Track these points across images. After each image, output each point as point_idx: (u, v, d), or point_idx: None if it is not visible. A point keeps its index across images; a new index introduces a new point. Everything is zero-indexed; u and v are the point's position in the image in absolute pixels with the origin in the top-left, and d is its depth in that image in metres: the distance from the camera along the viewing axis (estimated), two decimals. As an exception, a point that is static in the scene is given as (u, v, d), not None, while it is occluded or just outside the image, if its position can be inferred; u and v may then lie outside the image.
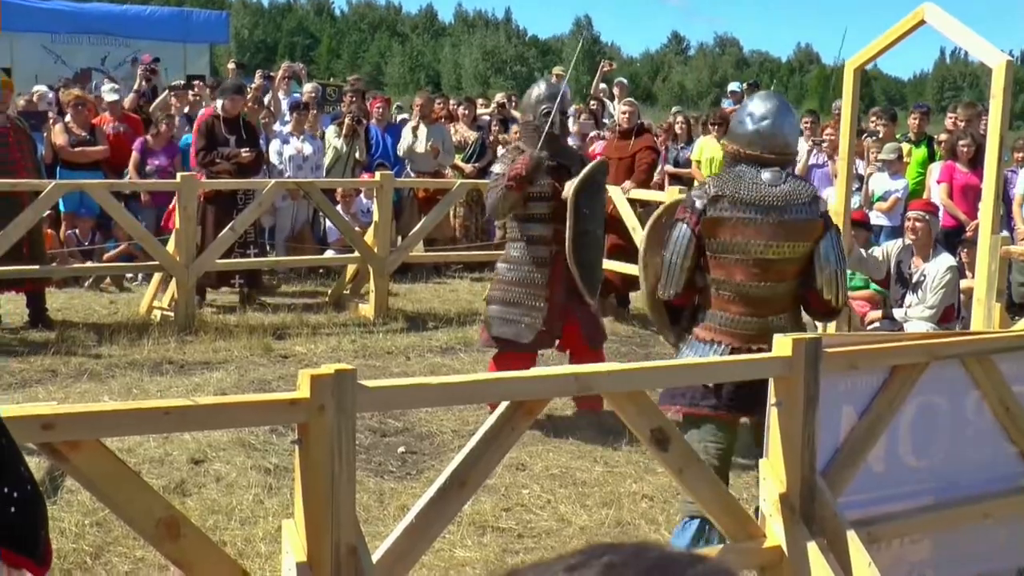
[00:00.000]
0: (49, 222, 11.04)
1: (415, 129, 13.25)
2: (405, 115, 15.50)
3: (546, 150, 7.13)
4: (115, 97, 12.94)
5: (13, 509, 1.85)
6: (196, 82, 15.13)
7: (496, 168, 7.23)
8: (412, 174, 13.27)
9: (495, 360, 7.32)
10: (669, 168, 13.95)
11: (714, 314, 5.09)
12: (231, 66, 16.89)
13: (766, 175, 5.03)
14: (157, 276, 10.36)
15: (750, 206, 4.96)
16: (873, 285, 9.83)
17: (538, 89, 7.39)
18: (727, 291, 5.04)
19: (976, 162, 11.40)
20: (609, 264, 10.82)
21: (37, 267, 9.41)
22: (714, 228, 4.98)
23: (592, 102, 15.90)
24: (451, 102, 15.42)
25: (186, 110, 13.45)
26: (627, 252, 10.65)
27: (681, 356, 5.19)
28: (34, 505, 1.92)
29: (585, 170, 7.14)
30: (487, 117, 14.82)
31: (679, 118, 15.64)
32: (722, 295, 5.05)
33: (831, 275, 5.05)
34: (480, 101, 17.07)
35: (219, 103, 11.40)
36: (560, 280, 7.05)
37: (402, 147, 13.32)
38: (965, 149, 11.40)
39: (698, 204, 5.00)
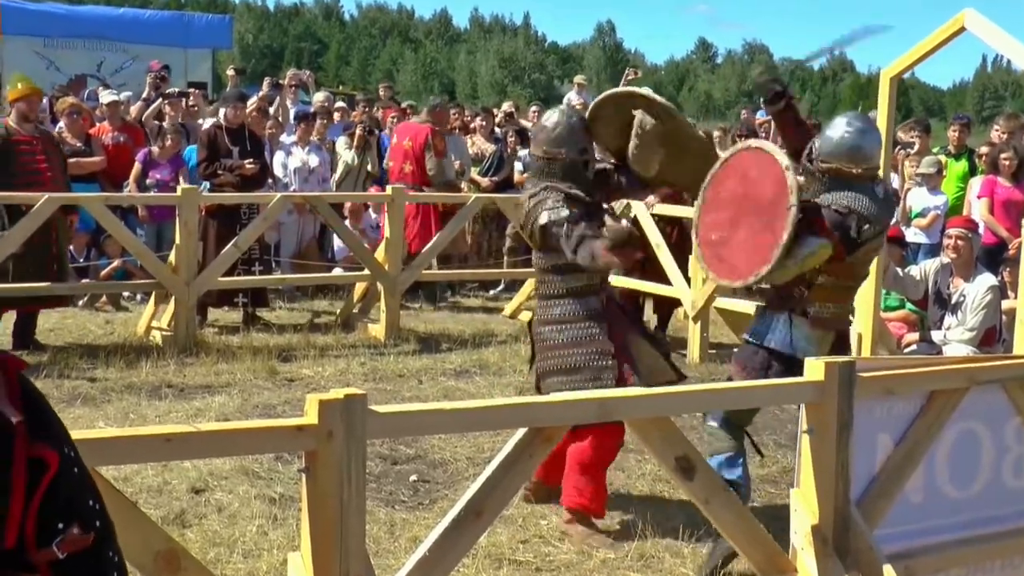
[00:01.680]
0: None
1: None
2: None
3: (582, 190, 6.19)
4: (114, 98, 13.00)
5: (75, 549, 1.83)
6: (192, 90, 15.21)
7: (559, 216, 5.96)
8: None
9: (593, 447, 6.14)
10: None
11: (827, 307, 5.74)
12: (230, 72, 17.00)
13: (879, 189, 5.81)
14: (156, 295, 10.41)
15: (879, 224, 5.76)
16: (909, 305, 9.83)
17: (569, 121, 6.28)
18: (842, 287, 5.81)
19: (1019, 176, 11.40)
20: (629, 282, 10.88)
21: (40, 284, 9.47)
22: (855, 249, 5.63)
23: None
24: (466, 112, 15.48)
25: (180, 119, 13.51)
26: (652, 269, 10.69)
27: (784, 340, 5.70)
28: (104, 540, 1.90)
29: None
30: (498, 128, 14.84)
31: (700, 131, 15.60)
32: (837, 290, 5.77)
33: None
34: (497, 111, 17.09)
35: (222, 112, 11.48)
36: (622, 330, 6.18)
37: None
38: (1008, 162, 11.39)
39: (852, 234, 5.56)
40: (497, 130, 14.76)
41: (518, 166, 13.75)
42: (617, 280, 11.16)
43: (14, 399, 1.76)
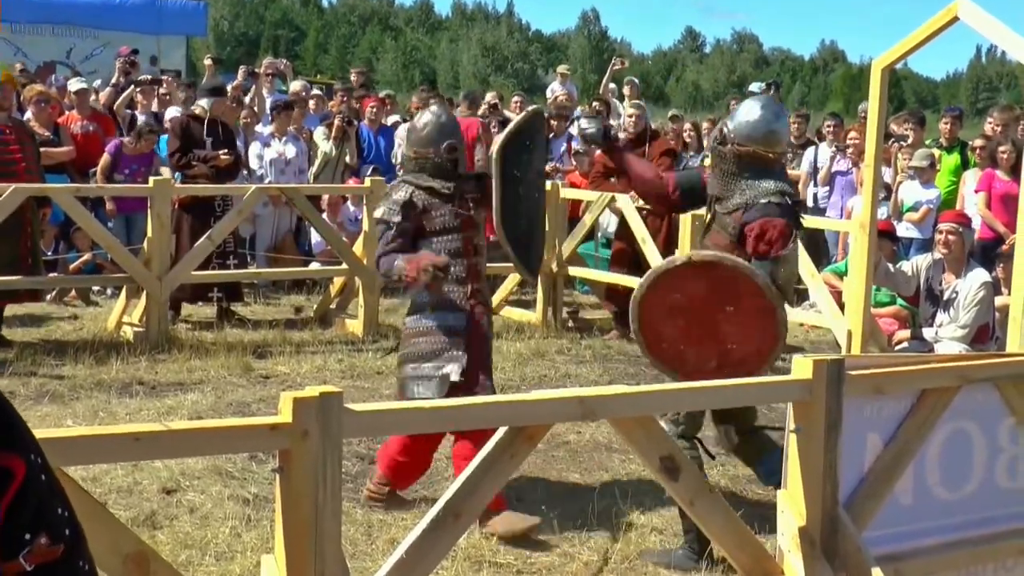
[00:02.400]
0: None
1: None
2: (396, 116, 15.53)
3: (444, 185, 6.38)
4: (82, 86, 12.95)
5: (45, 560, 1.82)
6: (165, 77, 15.15)
7: (382, 214, 6.32)
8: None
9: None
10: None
11: None
12: (208, 62, 16.93)
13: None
14: (127, 289, 10.38)
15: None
16: (900, 301, 9.86)
17: (437, 119, 6.47)
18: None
19: (1018, 169, 11.45)
20: (613, 277, 10.90)
21: (11, 278, 9.43)
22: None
23: (596, 104, 15.94)
24: (452, 102, 15.48)
25: (154, 108, 13.45)
26: (634, 262, 10.71)
27: None
28: (74, 550, 1.88)
29: (513, 122, 6.56)
30: (482, 120, 14.82)
31: (687, 124, 15.65)
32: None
33: None
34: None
35: (204, 103, 11.44)
36: (479, 320, 6.38)
37: (398, 152, 13.34)
38: (1006, 156, 11.42)
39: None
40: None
41: None
42: (603, 277, 11.20)
43: None
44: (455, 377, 6.17)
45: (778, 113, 5.85)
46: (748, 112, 5.72)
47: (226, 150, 11.18)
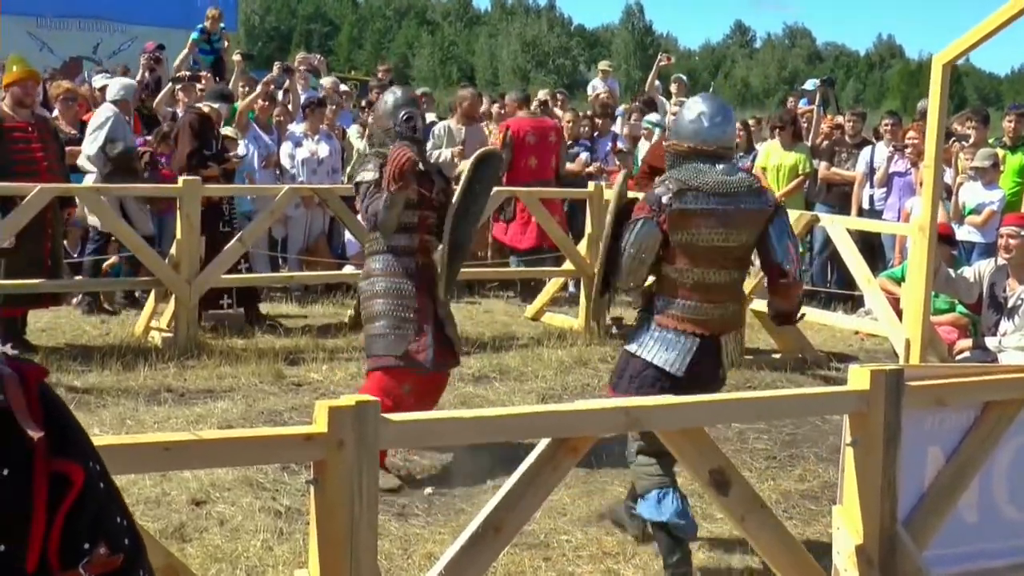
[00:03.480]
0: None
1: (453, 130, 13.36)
2: (432, 115, 15.54)
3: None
4: (107, 82, 13.02)
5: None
6: (204, 73, 15.23)
7: (365, 176, 7.25)
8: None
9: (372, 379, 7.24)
10: (622, 171, 13.93)
11: (678, 303, 5.80)
12: (236, 57, 17.00)
13: (721, 167, 5.85)
14: (155, 293, 10.44)
15: (714, 196, 5.74)
16: (960, 308, 9.78)
17: (394, 96, 7.60)
18: (690, 280, 5.78)
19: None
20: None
21: (33, 281, 9.51)
22: (681, 221, 5.72)
23: (640, 100, 15.92)
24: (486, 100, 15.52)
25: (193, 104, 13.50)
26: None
27: (645, 346, 5.81)
28: (133, 561, 1.89)
29: (486, 148, 7.78)
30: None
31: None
32: (685, 284, 5.80)
33: (788, 247, 5.86)
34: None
35: (218, 106, 11.49)
36: (427, 294, 7.24)
37: (432, 150, 13.38)
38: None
39: (664, 200, 5.74)
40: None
41: (584, 156, 13.92)
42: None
43: (35, 411, 1.75)
44: (408, 343, 7.07)
45: (705, 112, 5.97)
46: (685, 112, 6.10)
47: (235, 153, 11.28)
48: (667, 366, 5.68)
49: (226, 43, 16.68)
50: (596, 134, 14.56)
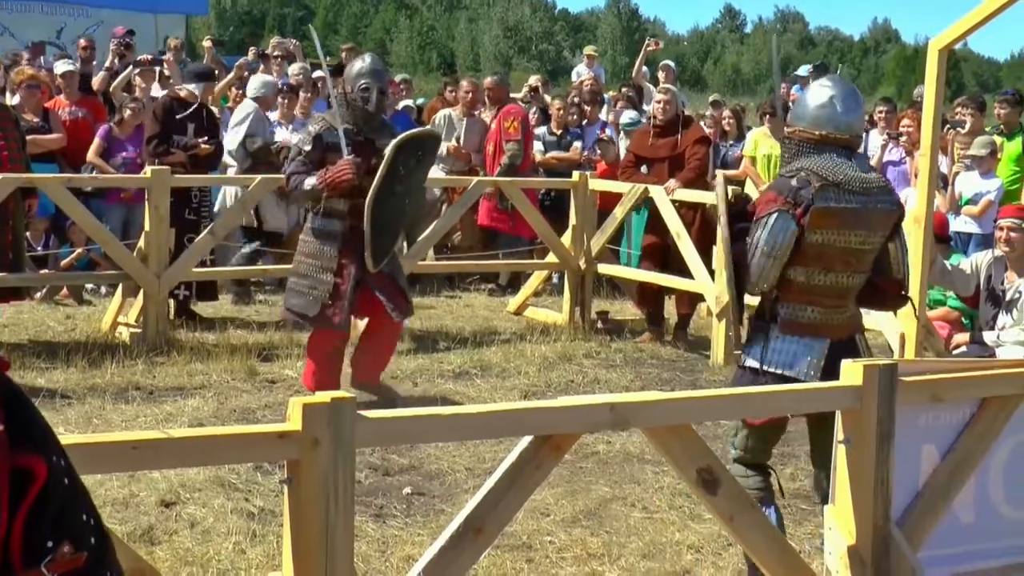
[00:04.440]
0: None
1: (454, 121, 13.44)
2: (408, 100, 15.50)
3: (354, 124, 8.20)
4: (69, 68, 12.97)
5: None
6: (166, 57, 15.18)
7: (300, 143, 8.31)
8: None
9: (309, 339, 8.55)
10: (719, 172, 13.96)
11: (804, 308, 5.41)
12: (206, 43, 16.95)
13: (855, 160, 5.48)
14: (123, 287, 10.41)
15: (855, 194, 5.34)
16: (954, 301, 9.81)
17: (361, 63, 8.35)
18: (821, 283, 5.40)
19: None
20: (646, 275, 10.89)
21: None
22: (822, 220, 5.30)
23: (629, 88, 15.91)
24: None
25: (154, 92, 13.47)
26: (667, 259, 10.71)
27: (774, 352, 5.40)
28: (99, 560, 1.89)
29: (417, 130, 8.64)
30: (523, 104, 14.80)
31: (725, 111, 15.63)
32: (814, 288, 5.40)
33: (906, 259, 5.63)
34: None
35: (194, 88, 11.46)
36: (353, 255, 8.05)
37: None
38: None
39: (804, 193, 5.32)
40: (522, 106, 14.69)
41: (578, 144, 13.95)
42: (635, 275, 11.18)
43: None
44: (320, 304, 8.06)
45: (837, 96, 5.55)
46: (811, 96, 5.65)
47: (207, 138, 11.20)
48: (801, 376, 5.28)
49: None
50: (586, 122, 14.58)
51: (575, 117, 14.36)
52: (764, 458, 5.57)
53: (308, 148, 8.13)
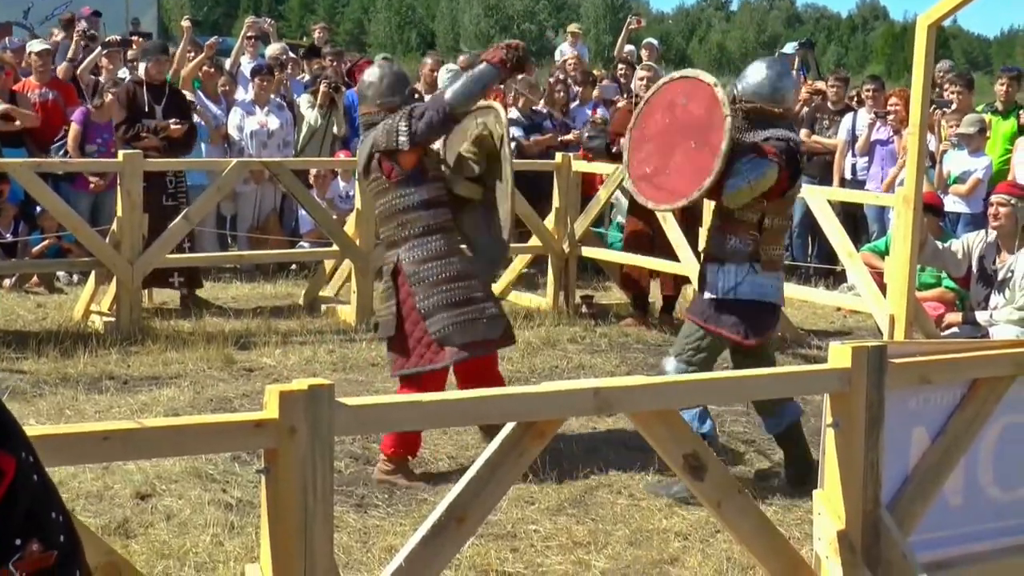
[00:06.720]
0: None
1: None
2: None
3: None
4: (45, 47, 12.91)
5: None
6: (135, 38, 15.09)
7: (413, 123, 6.73)
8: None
9: (462, 376, 7.00)
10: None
11: (776, 248, 6.80)
12: (185, 23, 16.87)
13: None
14: (95, 275, 10.38)
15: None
16: (947, 282, 9.84)
17: (390, 70, 7.25)
18: (781, 227, 6.85)
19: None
20: (631, 258, 10.89)
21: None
22: (796, 179, 6.74)
23: (620, 65, 15.87)
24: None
25: (122, 74, 13.41)
26: (651, 244, 10.71)
27: (751, 284, 6.64)
28: (68, 558, 1.88)
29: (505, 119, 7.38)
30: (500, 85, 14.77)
31: None
32: (781, 231, 6.90)
33: None
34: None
35: (141, 67, 11.42)
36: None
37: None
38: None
39: (797, 158, 6.64)
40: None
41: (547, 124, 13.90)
42: (619, 258, 11.19)
43: None
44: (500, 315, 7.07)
45: (782, 72, 6.94)
46: (755, 72, 6.78)
47: (177, 120, 11.16)
48: (780, 302, 6.89)
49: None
50: (577, 102, 14.58)
51: (561, 95, 14.33)
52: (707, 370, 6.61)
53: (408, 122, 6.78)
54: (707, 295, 6.75)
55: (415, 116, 6.70)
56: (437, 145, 7.41)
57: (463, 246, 7.04)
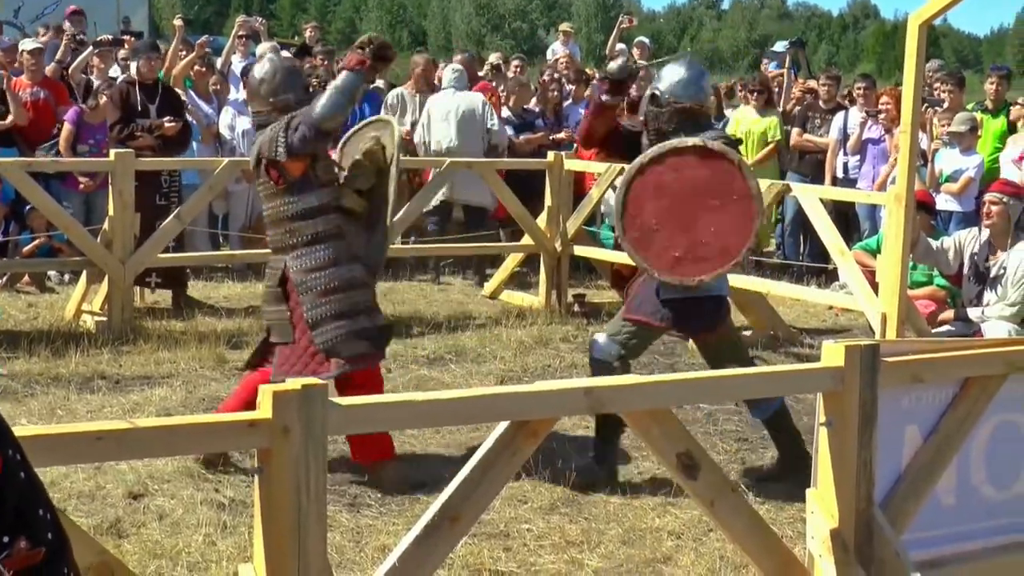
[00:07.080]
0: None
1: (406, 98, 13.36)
2: (381, 82, 15.44)
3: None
4: (38, 46, 12.87)
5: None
6: (127, 37, 15.05)
7: (304, 131, 6.57)
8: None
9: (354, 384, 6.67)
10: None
11: None
12: (177, 22, 16.82)
13: None
14: (87, 274, 10.35)
15: None
16: (938, 280, 9.85)
17: (280, 64, 7.10)
18: None
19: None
20: (621, 256, 10.88)
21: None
22: None
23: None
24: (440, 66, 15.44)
25: (114, 72, 13.36)
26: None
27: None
28: (56, 555, 1.88)
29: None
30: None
31: None
32: None
33: None
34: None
35: (133, 66, 11.40)
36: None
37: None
38: (1052, 119, 11.41)
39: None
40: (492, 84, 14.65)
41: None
42: (611, 256, 11.19)
43: None
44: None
45: (702, 70, 7.10)
46: (675, 73, 6.88)
47: (171, 118, 11.14)
48: (725, 292, 7.01)
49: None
50: (570, 100, 14.58)
51: (555, 94, 14.33)
52: (634, 357, 7.09)
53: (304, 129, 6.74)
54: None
55: (291, 128, 6.57)
56: (336, 155, 7.31)
57: (350, 254, 6.85)
